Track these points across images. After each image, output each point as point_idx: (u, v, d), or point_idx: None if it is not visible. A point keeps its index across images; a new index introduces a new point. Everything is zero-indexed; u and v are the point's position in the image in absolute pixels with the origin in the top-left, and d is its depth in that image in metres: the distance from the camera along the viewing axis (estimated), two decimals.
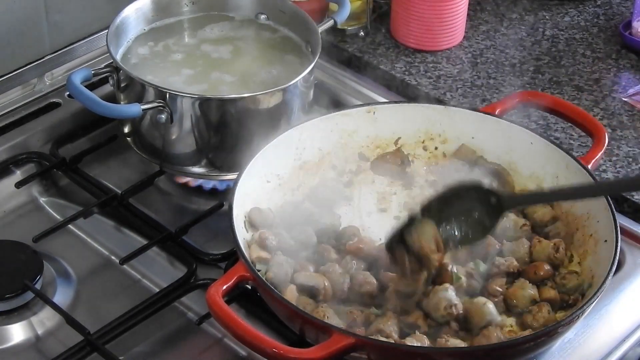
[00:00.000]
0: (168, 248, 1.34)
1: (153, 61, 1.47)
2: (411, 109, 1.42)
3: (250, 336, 1.09)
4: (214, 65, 1.47)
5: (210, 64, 1.47)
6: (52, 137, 1.49)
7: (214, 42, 1.51)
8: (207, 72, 1.45)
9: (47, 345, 1.24)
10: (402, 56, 1.68)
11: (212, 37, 1.52)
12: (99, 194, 1.40)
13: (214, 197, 1.43)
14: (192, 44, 1.51)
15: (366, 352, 1.10)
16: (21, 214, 1.42)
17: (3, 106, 1.53)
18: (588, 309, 1.16)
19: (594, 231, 1.27)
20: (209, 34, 1.52)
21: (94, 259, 1.35)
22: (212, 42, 1.51)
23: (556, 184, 1.35)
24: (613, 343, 1.25)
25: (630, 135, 1.53)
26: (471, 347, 1.15)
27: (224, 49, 1.50)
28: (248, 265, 1.16)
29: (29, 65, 1.55)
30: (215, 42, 1.51)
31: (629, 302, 1.30)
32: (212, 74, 1.45)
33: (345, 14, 1.55)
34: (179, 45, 1.50)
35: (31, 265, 1.27)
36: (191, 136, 1.39)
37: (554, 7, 1.83)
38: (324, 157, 1.40)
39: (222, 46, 1.50)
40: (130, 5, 1.49)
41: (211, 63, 1.47)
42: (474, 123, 1.41)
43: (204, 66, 1.46)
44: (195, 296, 1.28)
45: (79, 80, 1.35)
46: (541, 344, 1.16)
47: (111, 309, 1.25)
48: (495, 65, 1.67)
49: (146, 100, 1.36)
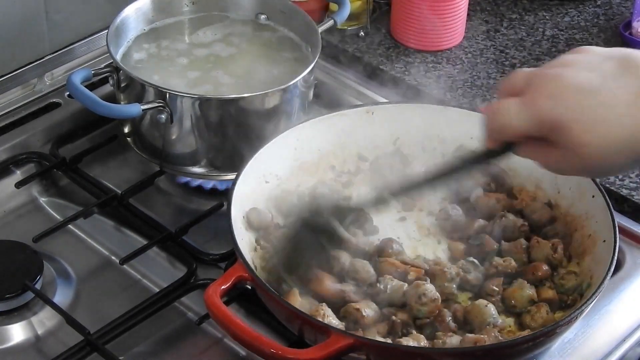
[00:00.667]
0: (168, 248, 1.34)
1: (153, 61, 1.47)
2: (410, 109, 1.42)
3: (248, 336, 1.09)
4: (214, 65, 1.47)
5: (210, 64, 1.47)
6: (52, 137, 1.49)
7: (214, 42, 1.51)
8: (207, 72, 1.45)
9: (47, 345, 1.24)
10: (402, 56, 1.68)
11: (212, 37, 1.52)
12: (99, 194, 1.40)
13: (214, 197, 1.43)
14: (192, 44, 1.51)
15: (365, 352, 1.10)
16: (21, 214, 1.42)
17: (3, 106, 1.53)
18: (587, 309, 1.16)
19: (592, 231, 1.27)
20: (209, 34, 1.52)
21: (94, 259, 1.35)
22: (212, 42, 1.51)
23: (555, 184, 1.35)
24: (613, 343, 1.25)
25: None
26: (471, 347, 1.15)
27: (224, 49, 1.50)
28: (247, 265, 1.16)
29: (29, 65, 1.55)
30: (215, 42, 1.51)
31: (629, 302, 1.30)
32: (212, 74, 1.45)
33: (345, 14, 1.55)
34: (179, 46, 1.50)
35: (31, 265, 1.27)
36: (191, 136, 1.39)
37: (554, 7, 1.83)
38: (323, 158, 1.40)
39: (222, 46, 1.50)
40: (130, 5, 1.49)
41: (211, 63, 1.47)
42: (473, 123, 1.40)
43: (204, 66, 1.46)
44: (195, 296, 1.28)
45: (79, 80, 1.35)
46: (540, 344, 1.15)
47: (111, 309, 1.25)
48: (495, 65, 1.67)
49: (146, 100, 1.36)
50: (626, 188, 1.43)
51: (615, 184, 1.44)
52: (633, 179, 1.45)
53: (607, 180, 1.44)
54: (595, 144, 0.93)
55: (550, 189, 1.36)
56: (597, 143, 0.93)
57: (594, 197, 1.29)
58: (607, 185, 1.43)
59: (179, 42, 1.51)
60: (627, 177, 1.45)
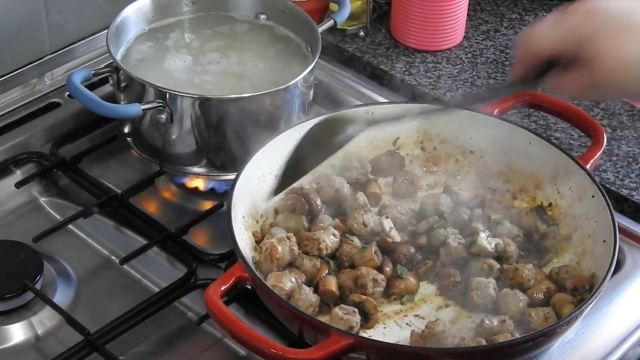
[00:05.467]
0: (168, 248, 1.34)
1: (153, 61, 1.47)
2: (409, 109, 1.42)
3: (248, 336, 1.09)
4: (214, 65, 1.47)
5: (210, 64, 1.47)
6: (52, 137, 1.50)
7: (214, 42, 1.51)
8: (207, 72, 1.45)
9: (47, 345, 1.24)
10: (402, 56, 1.68)
11: (212, 37, 1.52)
12: (99, 194, 1.40)
13: (214, 197, 1.43)
14: (192, 44, 1.51)
15: (365, 352, 1.11)
16: (21, 214, 1.42)
17: (3, 106, 1.53)
18: (587, 309, 1.16)
19: (592, 231, 1.27)
20: (209, 34, 1.52)
21: (94, 259, 1.35)
22: (212, 42, 1.51)
23: (555, 184, 1.35)
24: (613, 343, 1.25)
25: (630, 135, 1.53)
26: (471, 347, 1.15)
27: (224, 49, 1.50)
28: (246, 265, 1.16)
29: (29, 65, 1.55)
30: (215, 42, 1.51)
31: (629, 302, 1.30)
32: (212, 73, 1.45)
33: (345, 14, 1.55)
34: (179, 46, 1.50)
35: (31, 265, 1.28)
36: (191, 136, 1.39)
37: (554, 7, 1.82)
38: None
39: (222, 46, 1.50)
40: (130, 5, 1.49)
41: (211, 63, 1.47)
42: (473, 123, 1.41)
43: (204, 66, 1.46)
44: (195, 296, 1.28)
45: (79, 80, 1.35)
46: (540, 344, 1.16)
47: (111, 309, 1.25)
48: (495, 65, 1.67)
49: (146, 100, 1.36)
50: (626, 188, 1.43)
51: (616, 184, 1.44)
52: (633, 179, 1.45)
53: (607, 180, 1.44)
54: (622, 56, 1.01)
55: (550, 189, 1.36)
56: (623, 55, 1.00)
57: (594, 197, 1.29)
58: (607, 185, 1.43)
59: (179, 42, 1.51)
60: (627, 177, 1.45)
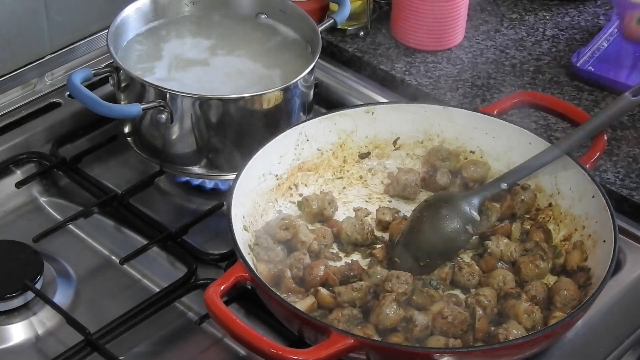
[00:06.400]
0: (168, 248, 1.34)
1: (153, 61, 1.47)
2: (410, 109, 1.43)
3: (248, 336, 1.09)
4: (214, 65, 1.47)
5: (210, 63, 1.47)
6: (52, 137, 1.50)
7: (214, 42, 1.51)
8: (208, 72, 1.45)
9: (47, 345, 1.24)
10: (402, 56, 1.68)
11: (212, 37, 1.52)
12: (99, 194, 1.40)
13: (214, 197, 1.43)
14: (192, 44, 1.51)
15: (365, 352, 1.11)
16: (21, 214, 1.42)
17: (3, 106, 1.53)
18: (587, 309, 1.16)
19: (592, 231, 1.27)
20: (210, 34, 1.52)
21: (94, 259, 1.35)
22: (212, 42, 1.51)
23: (555, 184, 1.35)
24: (613, 343, 1.25)
25: (630, 135, 1.53)
26: (470, 347, 1.15)
27: (224, 49, 1.50)
28: (246, 265, 1.16)
29: (29, 65, 1.55)
30: (215, 42, 1.51)
31: (629, 302, 1.30)
32: (213, 73, 1.45)
33: (345, 14, 1.55)
34: (179, 45, 1.50)
35: (31, 265, 1.28)
36: (191, 136, 1.39)
37: (554, 7, 1.83)
38: (323, 157, 1.40)
39: (223, 46, 1.50)
40: (130, 5, 1.49)
41: (211, 63, 1.47)
42: (473, 123, 1.41)
43: (204, 66, 1.46)
44: (195, 296, 1.28)
45: (79, 80, 1.35)
46: (540, 344, 1.16)
47: (111, 309, 1.25)
48: (495, 65, 1.67)
49: (146, 100, 1.36)
50: (626, 188, 1.43)
51: (616, 184, 1.44)
52: (633, 179, 1.45)
53: (607, 180, 1.44)
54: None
55: (550, 189, 1.36)
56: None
57: (594, 197, 1.29)
58: (607, 185, 1.43)
59: (179, 42, 1.51)
60: (628, 177, 1.45)
